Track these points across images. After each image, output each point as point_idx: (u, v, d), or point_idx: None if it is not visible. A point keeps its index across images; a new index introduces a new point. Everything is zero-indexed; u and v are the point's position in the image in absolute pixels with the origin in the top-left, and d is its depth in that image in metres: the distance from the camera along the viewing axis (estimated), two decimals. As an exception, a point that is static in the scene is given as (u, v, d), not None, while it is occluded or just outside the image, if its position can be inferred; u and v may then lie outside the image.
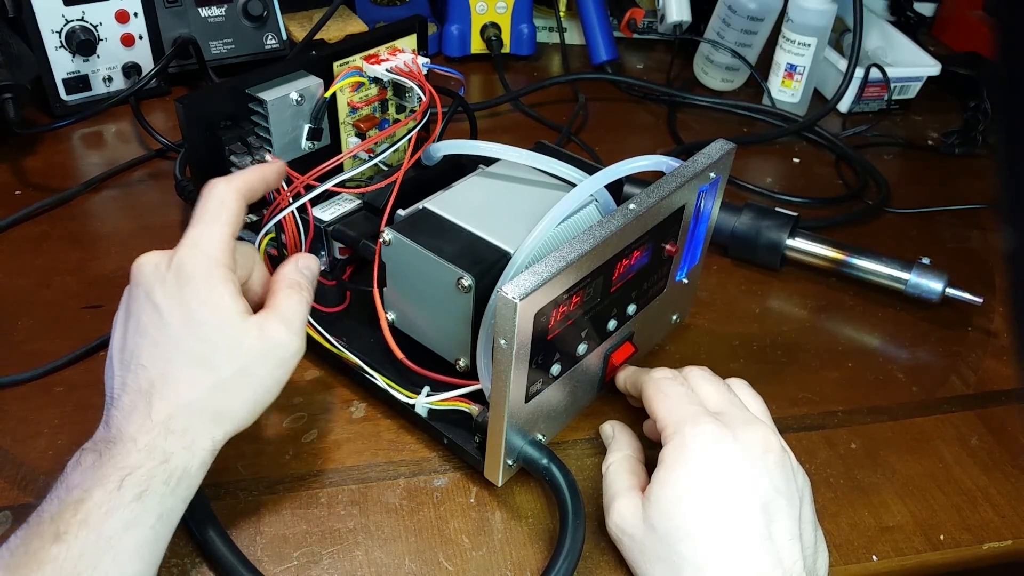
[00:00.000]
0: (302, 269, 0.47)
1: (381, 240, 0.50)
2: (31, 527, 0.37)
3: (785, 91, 0.92)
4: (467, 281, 0.46)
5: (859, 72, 0.89)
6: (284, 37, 0.89)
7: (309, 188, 0.52)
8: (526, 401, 0.46)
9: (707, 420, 0.44)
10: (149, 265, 0.43)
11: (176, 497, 0.40)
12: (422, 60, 0.58)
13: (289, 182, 0.53)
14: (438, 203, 0.51)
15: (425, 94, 0.55)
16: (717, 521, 0.41)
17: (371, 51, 0.59)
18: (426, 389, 0.51)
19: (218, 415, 0.41)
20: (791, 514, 0.42)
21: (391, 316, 0.52)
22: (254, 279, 0.47)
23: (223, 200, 0.44)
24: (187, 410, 0.40)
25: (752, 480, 0.42)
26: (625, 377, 0.52)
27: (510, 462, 0.48)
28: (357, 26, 0.94)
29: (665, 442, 0.44)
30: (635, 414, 0.54)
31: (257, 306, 0.45)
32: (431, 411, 0.51)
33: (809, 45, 0.88)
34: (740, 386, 0.49)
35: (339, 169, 0.53)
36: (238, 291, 0.43)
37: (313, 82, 0.55)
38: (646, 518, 0.43)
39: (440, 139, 0.56)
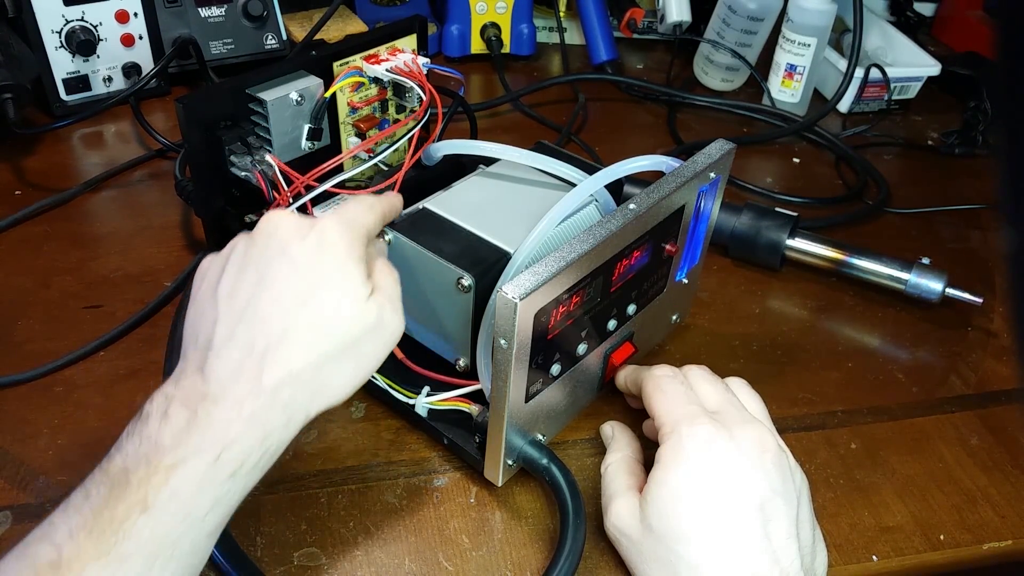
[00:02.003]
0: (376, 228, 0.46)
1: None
2: (116, 486, 0.34)
3: (785, 91, 0.92)
4: (467, 281, 0.46)
5: (859, 72, 0.89)
6: (284, 37, 0.89)
7: (309, 188, 0.52)
8: (526, 401, 0.46)
9: (704, 420, 0.44)
10: (288, 221, 0.40)
11: (258, 476, 0.38)
12: (422, 60, 0.58)
13: (289, 182, 0.53)
14: (438, 203, 0.51)
15: (425, 94, 0.55)
16: (713, 521, 0.41)
17: (371, 51, 0.59)
18: (426, 389, 0.51)
19: (320, 389, 0.39)
20: (788, 514, 0.42)
21: (391, 316, 0.52)
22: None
23: (372, 205, 0.44)
24: (296, 380, 0.38)
25: (749, 480, 0.42)
26: (625, 376, 0.52)
27: (510, 462, 0.48)
28: (357, 26, 0.94)
29: (662, 441, 0.44)
30: (635, 414, 0.54)
31: None
32: (431, 411, 0.51)
33: (809, 45, 0.88)
34: (739, 385, 0.49)
35: (339, 169, 0.53)
36: (367, 273, 0.41)
37: (313, 82, 0.55)
38: (643, 518, 0.43)
39: (440, 139, 0.56)
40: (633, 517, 0.44)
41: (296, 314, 0.38)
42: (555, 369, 0.47)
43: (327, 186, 0.52)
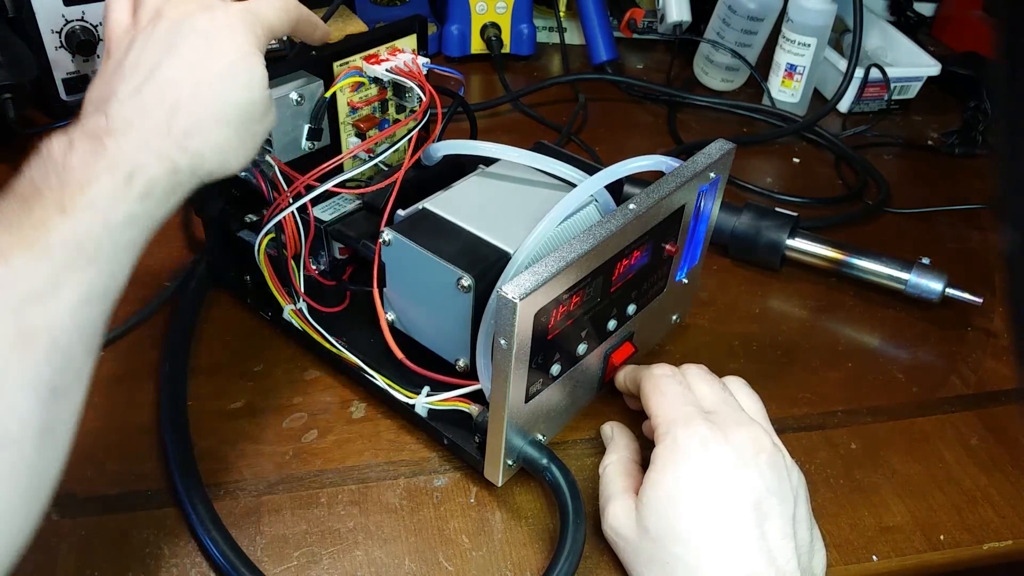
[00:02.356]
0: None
1: (381, 240, 0.50)
2: (28, 198, 0.35)
3: (785, 91, 0.92)
4: (467, 281, 0.46)
5: (859, 72, 0.89)
6: (284, 37, 0.89)
7: (309, 188, 0.52)
8: (526, 401, 0.46)
9: (699, 421, 0.44)
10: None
11: (166, 207, 0.40)
12: (422, 60, 0.58)
13: (289, 182, 0.53)
14: (438, 203, 0.51)
15: (425, 94, 0.55)
16: (709, 522, 0.41)
17: (371, 51, 0.59)
18: (426, 389, 0.51)
19: (222, 152, 0.42)
20: (784, 513, 0.42)
21: (391, 316, 0.52)
22: None
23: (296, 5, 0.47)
24: (202, 136, 0.40)
25: (743, 480, 0.42)
26: (624, 375, 0.52)
27: (510, 462, 0.48)
28: (357, 26, 0.94)
29: (657, 442, 0.45)
30: (634, 415, 0.54)
31: None
32: (431, 411, 0.51)
33: (809, 45, 0.88)
34: (737, 384, 0.49)
35: (339, 169, 0.53)
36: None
37: (313, 82, 0.55)
38: (639, 520, 0.43)
39: (440, 139, 0.56)
40: (629, 519, 0.44)
41: (203, 82, 0.41)
42: (555, 369, 0.47)
43: (327, 186, 0.52)
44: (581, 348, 0.49)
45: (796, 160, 0.86)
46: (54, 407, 0.34)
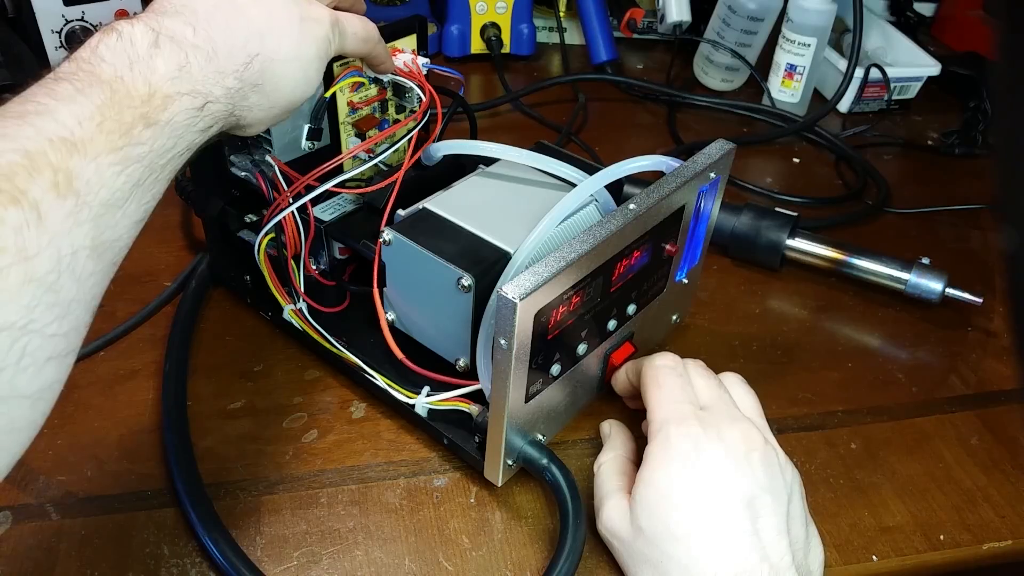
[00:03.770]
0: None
1: (381, 240, 0.50)
2: (118, 95, 0.34)
3: (785, 91, 0.92)
4: (467, 281, 0.46)
5: (859, 72, 0.89)
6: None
7: (309, 188, 0.52)
8: (526, 401, 0.46)
9: (692, 420, 0.44)
10: None
11: (197, 146, 0.39)
12: (422, 60, 0.58)
13: (289, 182, 0.53)
14: (438, 203, 0.51)
15: (425, 94, 0.55)
16: (702, 520, 0.41)
17: (371, 51, 0.59)
18: (426, 389, 0.51)
19: (276, 86, 0.41)
20: (778, 510, 0.42)
21: (391, 316, 0.52)
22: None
23: None
24: (259, 62, 0.40)
25: (735, 478, 0.42)
26: (626, 369, 0.52)
27: (510, 462, 0.48)
28: (357, 26, 0.94)
29: (650, 439, 0.45)
30: (634, 414, 0.54)
31: None
32: (431, 411, 0.51)
33: (809, 45, 0.88)
34: (733, 381, 0.49)
35: (339, 169, 0.53)
36: None
37: (313, 82, 0.55)
38: (633, 519, 0.43)
39: (440, 139, 0.56)
40: (623, 519, 0.44)
41: (280, 28, 0.41)
42: (555, 369, 0.47)
43: (327, 186, 0.52)
44: (581, 348, 0.49)
45: (796, 160, 0.86)
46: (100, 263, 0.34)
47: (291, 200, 0.52)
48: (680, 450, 0.43)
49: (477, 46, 0.98)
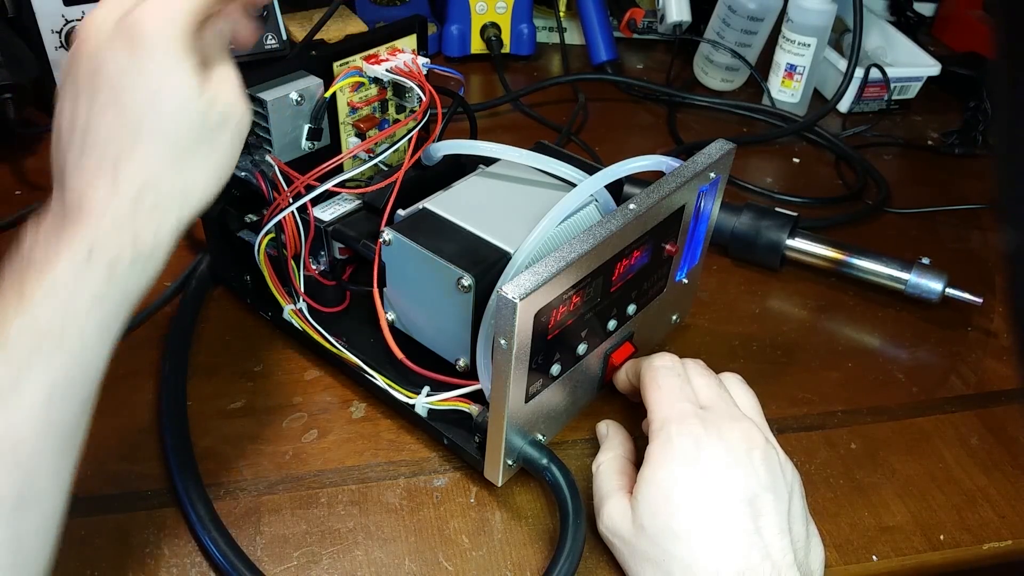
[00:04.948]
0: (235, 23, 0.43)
1: (381, 240, 0.50)
2: None
3: (785, 91, 0.92)
4: (467, 281, 0.46)
5: (859, 72, 0.89)
6: (284, 37, 0.89)
7: (309, 188, 0.52)
8: (526, 401, 0.46)
9: (693, 419, 0.44)
10: (98, 27, 0.38)
11: (143, 277, 0.38)
12: (422, 60, 0.58)
13: (289, 182, 0.53)
14: (438, 203, 0.51)
15: (425, 94, 0.55)
16: (703, 519, 0.41)
17: (371, 51, 0.59)
18: (426, 389, 0.51)
19: (185, 192, 0.39)
20: (779, 509, 0.42)
21: (391, 316, 0.52)
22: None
23: None
24: (156, 187, 0.37)
25: (736, 477, 0.42)
26: (626, 368, 0.52)
27: (510, 462, 0.48)
28: (357, 26, 0.94)
29: (651, 439, 0.45)
30: (634, 414, 0.54)
31: None
32: (431, 411, 0.51)
33: (809, 45, 0.88)
34: (733, 381, 0.49)
35: (339, 169, 0.53)
36: (197, 62, 0.38)
37: (313, 82, 0.55)
38: (635, 519, 0.43)
39: (440, 139, 0.56)
40: (625, 518, 0.44)
41: (136, 125, 0.37)
42: (555, 369, 0.47)
43: (327, 186, 0.52)
44: (581, 348, 0.49)
45: (796, 160, 0.86)
46: (19, 520, 0.32)
47: (291, 200, 0.52)
48: (681, 449, 0.43)
49: (477, 46, 0.98)
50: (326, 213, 0.55)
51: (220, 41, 0.41)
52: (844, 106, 0.93)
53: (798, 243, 0.67)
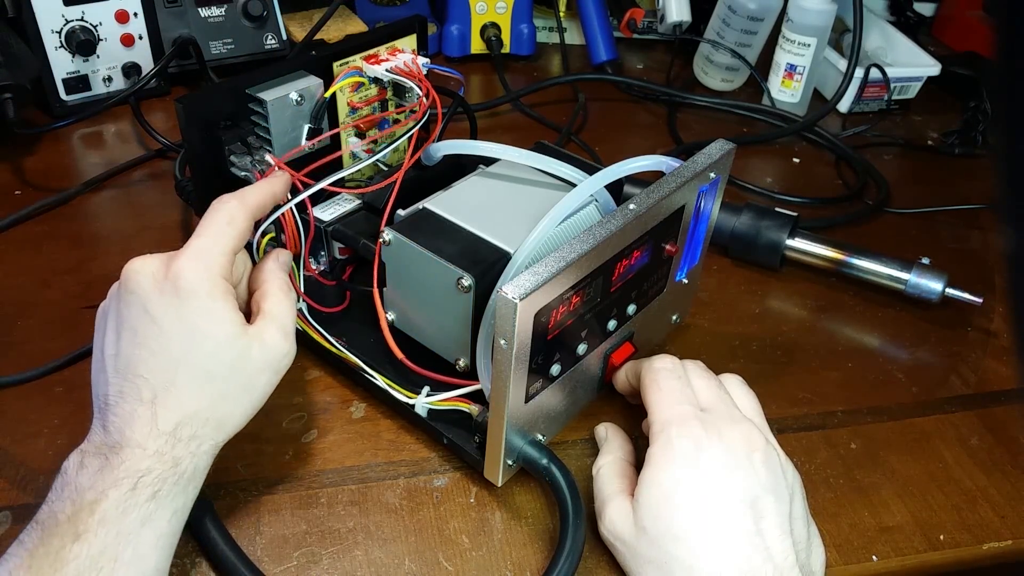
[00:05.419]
0: (284, 266, 0.48)
1: (381, 240, 0.50)
2: (47, 528, 0.37)
3: (785, 91, 0.92)
4: (467, 281, 0.46)
5: (859, 72, 0.89)
6: (284, 37, 0.89)
7: (308, 187, 0.52)
8: (526, 401, 0.46)
9: (694, 421, 0.44)
10: (145, 273, 0.42)
11: (187, 494, 0.41)
12: (422, 60, 0.58)
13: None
14: (438, 203, 0.51)
15: (425, 94, 0.55)
16: (705, 520, 0.41)
17: (371, 51, 0.59)
18: (426, 389, 0.51)
19: (221, 422, 0.42)
20: (780, 510, 0.42)
21: (391, 316, 0.52)
22: (243, 281, 0.48)
23: (233, 217, 0.45)
24: (193, 420, 0.41)
25: (738, 479, 0.42)
26: (626, 370, 0.52)
27: (510, 462, 0.48)
28: (357, 26, 0.94)
29: (652, 441, 0.45)
30: (633, 415, 0.54)
31: (244, 301, 0.46)
32: (431, 411, 0.51)
33: (809, 45, 0.88)
34: (733, 383, 0.49)
35: (339, 168, 0.53)
36: (236, 304, 0.43)
37: (313, 82, 0.55)
38: (636, 521, 0.43)
39: (440, 139, 0.56)
40: (626, 521, 0.44)
41: (174, 368, 0.41)
42: (555, 369, 0.47)
43: (325, 183, 0.52)
44: (581, 348, 0.49)
45: (796, 160, 0.86)
46: None
47: (289, 198, 0.52)
48: (682, 451, 0.43)
49: (477, 46, 0.98)
50: (326, 213, 0.55)
51: (282, 266, 0.48)
52: (844, 106, 0.93)
53: (798, 243, 0.67)
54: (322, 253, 0.56)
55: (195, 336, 0.41)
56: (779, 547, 0.41)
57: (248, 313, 0.46)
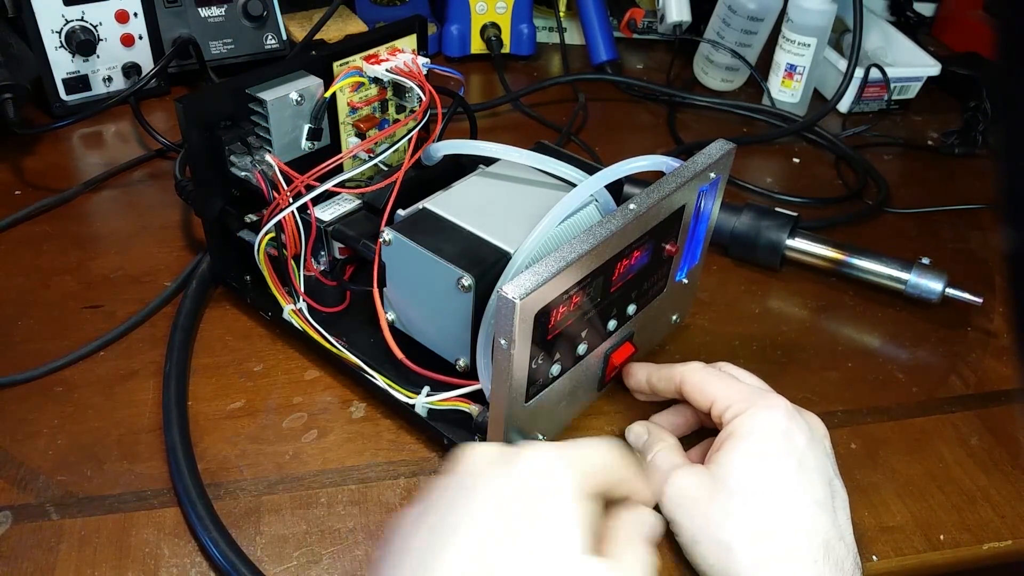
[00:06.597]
0: (654, 525, 0.39)
1: (381, 240, 0.50)
2: None
3: (785, 91, 0.92)
4: (467, 281, 0.46)
5: (859, 72, 0.89)
6: (284, 37, 0.89)
7: (309, 188, 0.52)
8: (526, 401, 0.46)
9: (777, 397, 0.47)
10: (485, 460, 0.36)
11: None
12: (422, 60, 0.58)
13: (289, 182, 0.53)
14: (438, 203, 0.51)
15: (425, 94, 0.55)
16: (795, 486, 0.43)
17: (371, 51, 0.59)
18: (426, 389, 0.51)
19: None
20: (845, 498, 0.46)
21: (391, 316, 0.52)
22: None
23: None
24: None
25: (820, 456, 0.45)
26: (648, 373, 0.52)
27: (510, 462, 0.48)
28: (357, 26, 0.94)
29: (733, 417, 0.46)
30: (633, 416, 0.54)
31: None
32: (431, 411, 0.51)
33: (809, 45, 0.88)
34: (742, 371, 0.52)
35: (339, 169, 0.53)
36: (591, 528, 0.34)
37: (313, 82, 0.55)
38: (716, 479, 0.44)
39: (440, 139, 0.56)
40: (702, 481, 0.45)
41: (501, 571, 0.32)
42: (555, 369, 0.47)
43: (327, 186, 0.52)
44: (581, 348, 0.49)
45: (796, 160, 0.86)
46: None
47: (291, 199, 0.52)
48: (774, 420, 0.45)
49: (477, 46, 0.98)
50: (326, 213, 0.55)
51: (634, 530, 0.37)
52: (844, 106, 0.93)
53: (798, 243, 0.67)
54: (322, 253, 0.56)
55: (536, 548, 0.33)
56: (847, 530, 0.44)
57: None
